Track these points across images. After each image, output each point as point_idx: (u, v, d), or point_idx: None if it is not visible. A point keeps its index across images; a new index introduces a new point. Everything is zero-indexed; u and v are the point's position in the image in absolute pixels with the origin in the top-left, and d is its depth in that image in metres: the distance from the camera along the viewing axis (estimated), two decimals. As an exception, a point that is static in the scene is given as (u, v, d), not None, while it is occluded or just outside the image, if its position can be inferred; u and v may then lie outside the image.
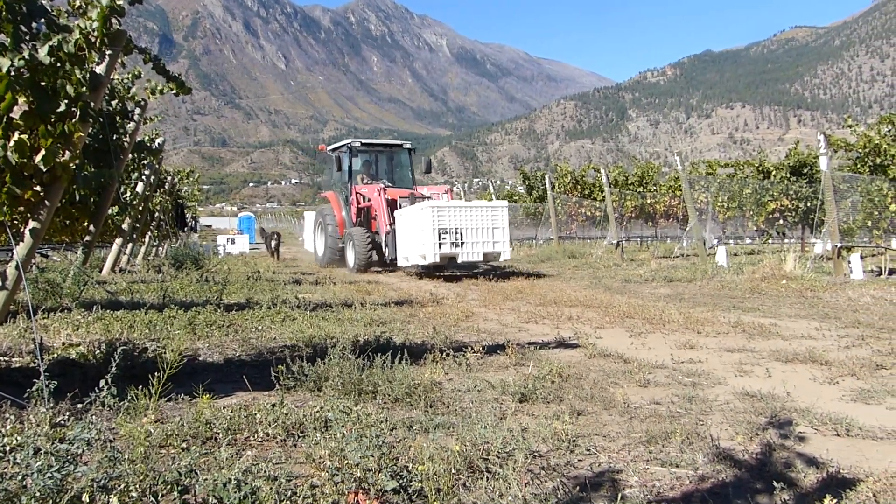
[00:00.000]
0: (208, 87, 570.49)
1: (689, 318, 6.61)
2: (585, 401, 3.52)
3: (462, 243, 10.98)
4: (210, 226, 65.41)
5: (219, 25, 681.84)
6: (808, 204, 15.12)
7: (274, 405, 3.05)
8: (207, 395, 3.13)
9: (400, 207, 12.79)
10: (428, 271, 12.53)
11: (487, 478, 2.36)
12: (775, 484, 2.26)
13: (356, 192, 14.50)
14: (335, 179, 15.95)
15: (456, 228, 10.90)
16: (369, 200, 13.95)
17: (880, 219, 11.30)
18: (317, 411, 3.02)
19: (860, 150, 11.63)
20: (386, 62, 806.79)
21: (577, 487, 2.31)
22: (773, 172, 17.31)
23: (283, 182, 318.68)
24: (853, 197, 11.56)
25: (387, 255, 12.93)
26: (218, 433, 2.80)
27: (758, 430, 3.01)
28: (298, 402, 3.40)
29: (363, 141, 15.52)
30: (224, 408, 3.06)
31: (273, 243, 20.29)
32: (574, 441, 2.82)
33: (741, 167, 18.75)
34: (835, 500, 2.10)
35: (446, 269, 12.90)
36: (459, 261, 11.18)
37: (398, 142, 16.24)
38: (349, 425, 2.83)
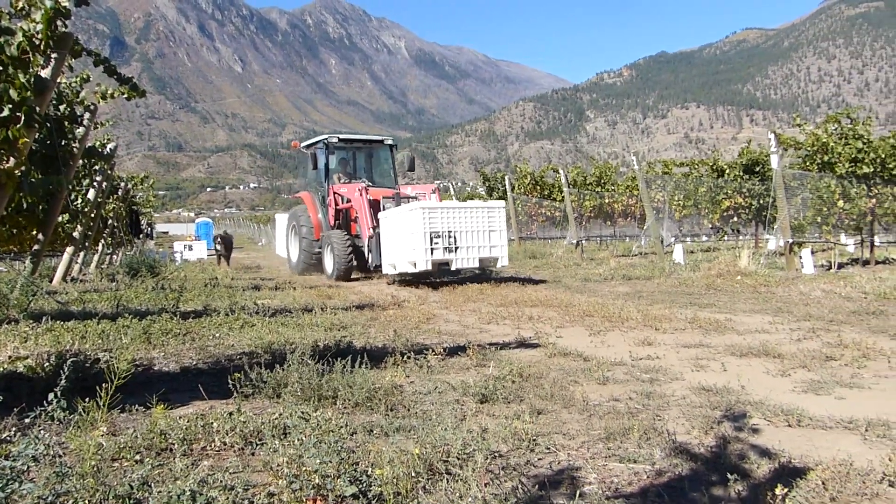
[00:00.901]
0: (163, 91, 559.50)
1: (647, 315, 6.72)
2: (545, 400, 3.55)
3: (456, 248, 9.88)
4: (167, 232, 64.17)
5: (172, 28, 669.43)
6: (761, 201, 15.50)
7: (231, 413, 3.00)
8: (162, 406, 3.06)
9: (383, 209, 11.77)
10: (417, 279, 11.42)
11: (447, 479, 2.35)
12: (730, 476, 2.31)
13: (334, 192, 13.43)
14: (310, 178, 14.87)
15: (449, 232, 9.80)
16: (349, 201, 12.84)
17: (829, 215, 11.63)
18: (275, 418, 2.98)
19: (809, 149, 11.95)
20: (344, 64, 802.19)
21: (537, 486, 2.33)
22: (727, 171, 17.71)
23: (241, 187, 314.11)
24: (803, 194, 11.87)
25: (370, 261, 11.85)
26: (173, 444, 2.74)
27: (713, 423, 3.07)
28: (257, 409, 3.35)
29: (341, 136, 14.23)
30: (180, 417, 3.00)
31: (220, 248, 18.09)
32: (534, 440, 2.83)
33: (696, 166, 19.13)
34: (786, 490, 2.15)
35: (437, 277, 11.65)
36: (453, 267, 10.05)
37: (378, 137, 15.00)
38: (308, 431, 2.80)
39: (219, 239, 18.35)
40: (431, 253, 9.71)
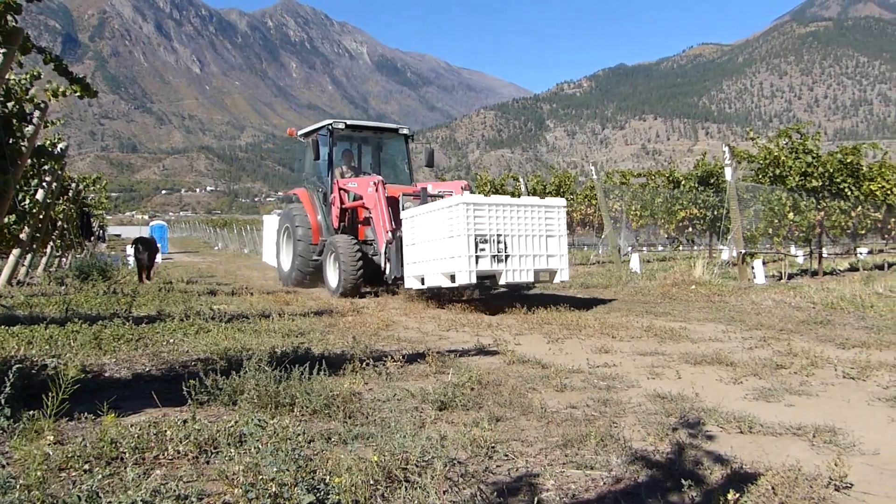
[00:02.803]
0: (117, 91, 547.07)
1: (604, 323, 6.81)
2: (504, 407, 3.56)
3: (506, 257, 7.81)
4: (119, 235, 62.55)
5: (128, 26, 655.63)
6: (715, 212, 15.87)
7: (185, 421, 2.94)
8: (113, 413, 2.98)
9: (403, 209, 9.70)
10: (451, 294, 9.33)
11: (406, 487, 2.34)
12: (684, 482, 2.35)
13: (339, 189, 11.28)
14: (307, 172, 12.79)
15: (498, 235, 7.77)
16: (359, 199, 10.78)
17: (780, 226, 11.99)
18: (231, 426, 2.93)
19: (761, 162, 12.30)
20: (305, 68, 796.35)
21: (495, 493, 2.33)
22: (683, 182, 18.10)
23: (197, 190, 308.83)
24: (756, 206, 12.20)
25: (388, 272, 9.59)
26: (124, 452, 2.66)
27: (668, 430, 3.12)
28: (212, 416, 3.28)
29: (348, 122, 12.01)
30: (132, 425, 2.92)
31: (143, 257, 13.42)
32: (492, 447, 2.84)
33: (653, 177, 19.51)
34: (738, 495, 2.20)
35: (480, 293, 9.38)
36: (502, 281, 7.90)
37: (392, 125, 12.73)
38: (265, 439, 2.75)
39: (139, 245, 13.52)
40: (477, 262, 7.61)
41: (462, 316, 7.74)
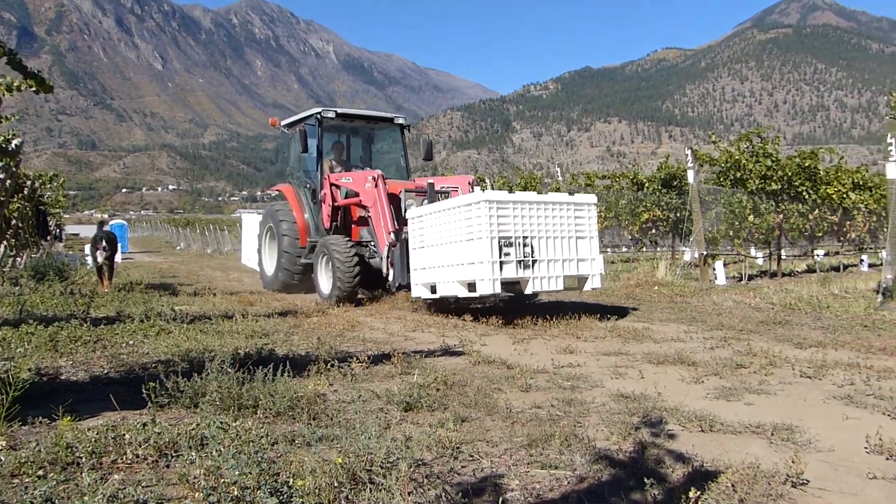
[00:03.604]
0: (75, 86, 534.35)
1: (568, 323, 6.86)
2: (469, 407, 3.57)
3: (533, 262, 6.87)
4: (77, 234, 61.03)
5: (87, 20, 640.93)
6: (678, 214, 16.12)
7: (145, 424, 2.88)
8: (69, 417, 2.91)
9: (405, 207, 8.90)
10: (466, 303, 8.35)
11: (370, 489, 2.33)
12: (647, 480, 2.37)
13: (331, 184, 10.12)
14: (293, 166, 11.69)
15: (524, 237, 6.83)
16: (353, 195, 9.66)
17: (740, 229, 12.24)
18: (192, 429, 2.88)
19: (723, 165, 12.54)
20: (270, 67, 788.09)
21: (460, 494, 2.33)
22: (647, 184, 18.35)
23: (159, 188, 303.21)
24: (717, 208, 12.44)
25: (391, 278, 8.57)
26: (80, 457, 2.60)
27: (631, 429, 3.15)
28: (173, 419, 3.23)
29: (339, 111, 10.90)
30: (88, 429, 2.85)
31: (101, 255, 11.49)
32: (458, 448, 2.84)
33: (617, 179, 19.74)
34: (698, 493, 2.23)
35: (499, 302, 8.58)
36: (528, 290, 6.97)
37: (386, 114, 11.64)
38: (227, 442, 2.71)
39: (102, 242, 11.53)
40: (501, 269, 6.66)
41: (428, 317, 7.73)
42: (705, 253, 11.62)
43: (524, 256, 6.82)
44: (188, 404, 3.45)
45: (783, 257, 14.43)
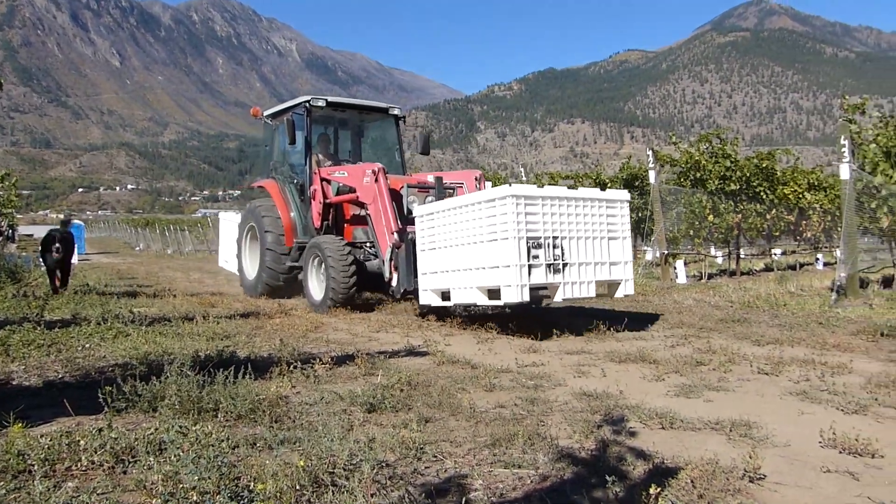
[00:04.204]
0: (28, 83, 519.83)
1: (532, 323, 6.89)
2: (433, 408, 3.56)
3: (564, 265, 6.08)
4: (31, 235, 59.42)
5: (41, 15, 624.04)
6: (640, 214, 16.34)
7: (101, 430, 2.81)
8: (20, 424, 2.82)
9: (407, 204, 8.23)
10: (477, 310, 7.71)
11: (333, 491, 2.31)
12: (608, 478, 2.40)
13: (321, 180, 9.23)
14: (276, 160, 10.72)
15: (554, 237, 6.05)
16: (348, 191, 8.75)
17: (700, 228, 12.47)
18: (150, 433, 2.82)
19: (683, 166, 12.75)
20: (232, 64, 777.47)
21: (424, 495, 2.32)
22: (609, 185, 18.57)
23: (117, 188, 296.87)
24: (678, 208, 12.65)
25: (395, 283, 7.68)
26: (33, 465, 2.52)
27: (594, 427, 3.18)
28: (130, 424, 3.16)
29: (329, 99, 9.88)
30: (41, 436, 2.78)
31: (53, 258, 10.25)
32: (421, 448, 2.83)
33: (581, 179, 19.94)
34: (659, 489, 2.26)
35: (517, 309, 7.23)
36: (559, 297, 6.11)
37: (381, 104, 10.65)
38: (186, 446, 2.67)
39: (57, 244, 10.23)
40: (529, 273, 5.85)
41: (392, 317, 7.71)
42: (666, 252, 11.82)
43: (554, 259, 6.00)
44: (146, 408, 3.38)
45: (742, 256, 14.74)
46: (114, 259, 27.16)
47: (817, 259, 16.79)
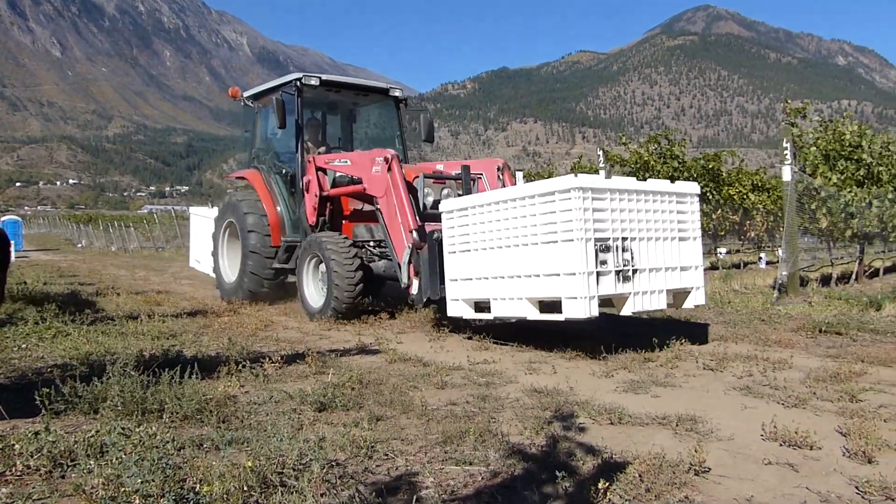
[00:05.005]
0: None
1: (485, 321, 6.91)
2: (385, 406, 3.54)
3: (633, 272, 5.11)
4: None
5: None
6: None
7: (37, 433, 2.71)
8: (-49, 427, 2.69)
9: (424, 198, 7.15)
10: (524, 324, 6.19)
11: (282, 492, 2.27)
12: (558, 473, 2.42)
13: (317, 169, 8.14)
14: (260, 147, 9.59)
15: (623, 239, 5.08)
16: (351, 182, 7.82)
17: (648, 227, 12.69)
18: (91, 436, 2.73)
19: (633, 166, 12.98)
20: (180, 57, 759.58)
21: (374, 493, 2.30)
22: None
23: (58, 182, 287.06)
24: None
25: (413, 290, 6.47)
26: (-37, 470, 2.41)
27: (544, 423, 3.21)
28: (69, 427, 3.05)
29: (323, 77, 8.69)
30: (-27, 440, 2.66)
31: None
32: (372, 447, 2.81)
33: (533, 179, 20.14)
34: (607, 483, 2.30)
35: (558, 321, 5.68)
36: (628, 310, 5.13)
37: (380, 84, 9.54)
38: (129, 449, 2.58)
39: None
40: (598, 282, 4.86)
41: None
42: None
43: (623, 265, 5.04)
44: (87, 410, 3.28)
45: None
46: (54, 256, 26.26)
47: (760, 258, 17.28)
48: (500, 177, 7.55)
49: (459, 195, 6.91)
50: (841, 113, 11.63)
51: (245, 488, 2.25)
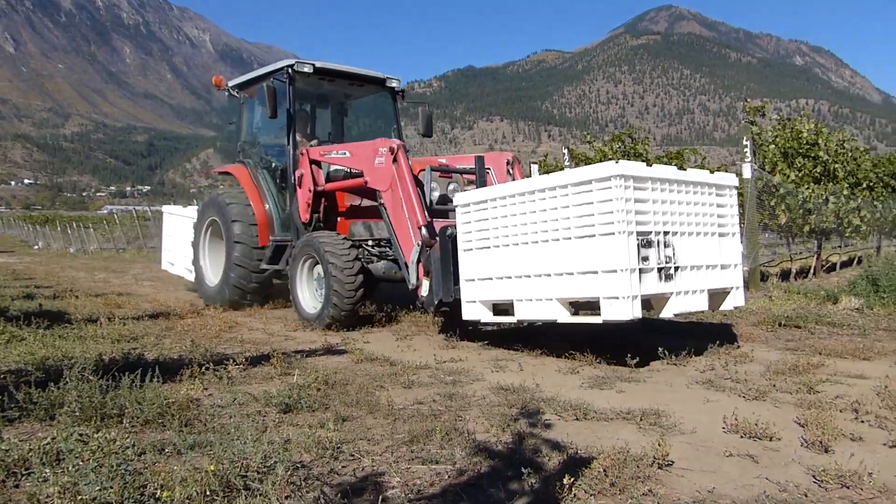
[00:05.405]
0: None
1: (451, 319, 6.91)
2: (351, 406, 3.52)
3: (675, 269, 4.65)
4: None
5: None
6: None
7: (-10, 441, 2.62)
8: None
9: (430, 191, 6.58)
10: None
11: (245, 495, 2.24)
12: (524, 470, 2.43)
13: (311, 162, 7.51)
14: (245, 140, 8.99)
15: (664, 233, 4.61)
16: (348, 176, 7.44)
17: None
18: (47, 443, 2.65)
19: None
20: (141, 54, 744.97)
21: (340, 495, 2.28)
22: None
23: (13, 182, 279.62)
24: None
25: (423, 291, 5.85)
26: (-89, 481, 2.33)
27: (510, 421, 3.22)
28: (24, 434, 2.96)
29: (317, 64, 8.09)
30: (-79, 449, 2.56)
31: None
32: (338, 448, 2.79)
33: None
34: (573, 479, 2.31)
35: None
36: (668, 312, 4.64)
37: (377, 74, 8.79)
38: (87, 455, 2.52)
39: None
40: (640, 279, 4.35)
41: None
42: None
43: (665, 262, 4.57)
44: (43, 417, 3.18)
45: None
46: (9, 258, 25.57)
47: (721, 254, 17.59)
48: (510, 171, 7.12)
49: (467, 190, 6.52)
50: (799, 112, 11.91)
51: (207, 493, 2.22)
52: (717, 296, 5.05)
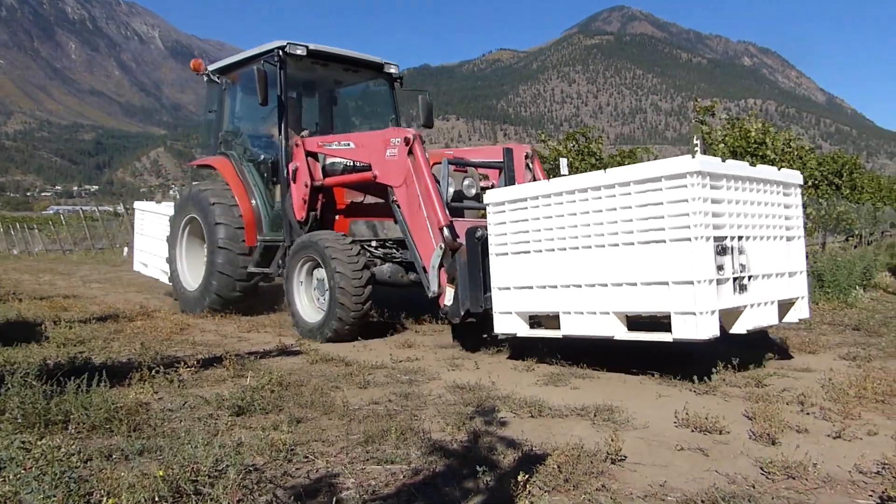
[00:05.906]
0: None
1: (408, 319, 6.91)
2: (305, 407, 3.48)
3: (749, 279, 4.13)
4: None
5: None
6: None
7: (-75, 451, 2.52)
8: None
9: (447, 186, 5.79)
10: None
11: (196, 500, 2.19)
12: (479, 468, 2.43)
13: (307, 154, 6.86)
14: (230, 129, 8.10)
15: (739, 238, 4.06)
16: (353, 170, 6.84)
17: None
18: (-14, 452, 2.55)
19: (552, 163, 13.22)
20: (87, 50, 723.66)
21: (293, 497, 2.26)
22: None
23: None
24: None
25: (447, 300, 5.19)
26: None
27: (466, 419, 3.23)
28: (-38, 443, 2.85)
29: (310, 47, 7.26)
30: None
31: None
32: (292, 450, 2.75)
33: (455, 175, 20.25)
34: (527, 476, 2.33)
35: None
36: (740, 327, 4.12)
37: (374, 58, 8.00)
38: (29, 463, 2.44)
39: None
40: (718, 289, 3.80)
41: (264, 316, 7.46)
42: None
43: (740, 271, 4.03)
44: (-18, 425, 3.07)
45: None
46: (-51, 260, 24.59)
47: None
48: (530, 165, 6.44)
49: (483, 186, 6.06)
50: (747, 111, 12.21)
51: (156, 499, 2.17)
52: (783, 307, 4.52)
